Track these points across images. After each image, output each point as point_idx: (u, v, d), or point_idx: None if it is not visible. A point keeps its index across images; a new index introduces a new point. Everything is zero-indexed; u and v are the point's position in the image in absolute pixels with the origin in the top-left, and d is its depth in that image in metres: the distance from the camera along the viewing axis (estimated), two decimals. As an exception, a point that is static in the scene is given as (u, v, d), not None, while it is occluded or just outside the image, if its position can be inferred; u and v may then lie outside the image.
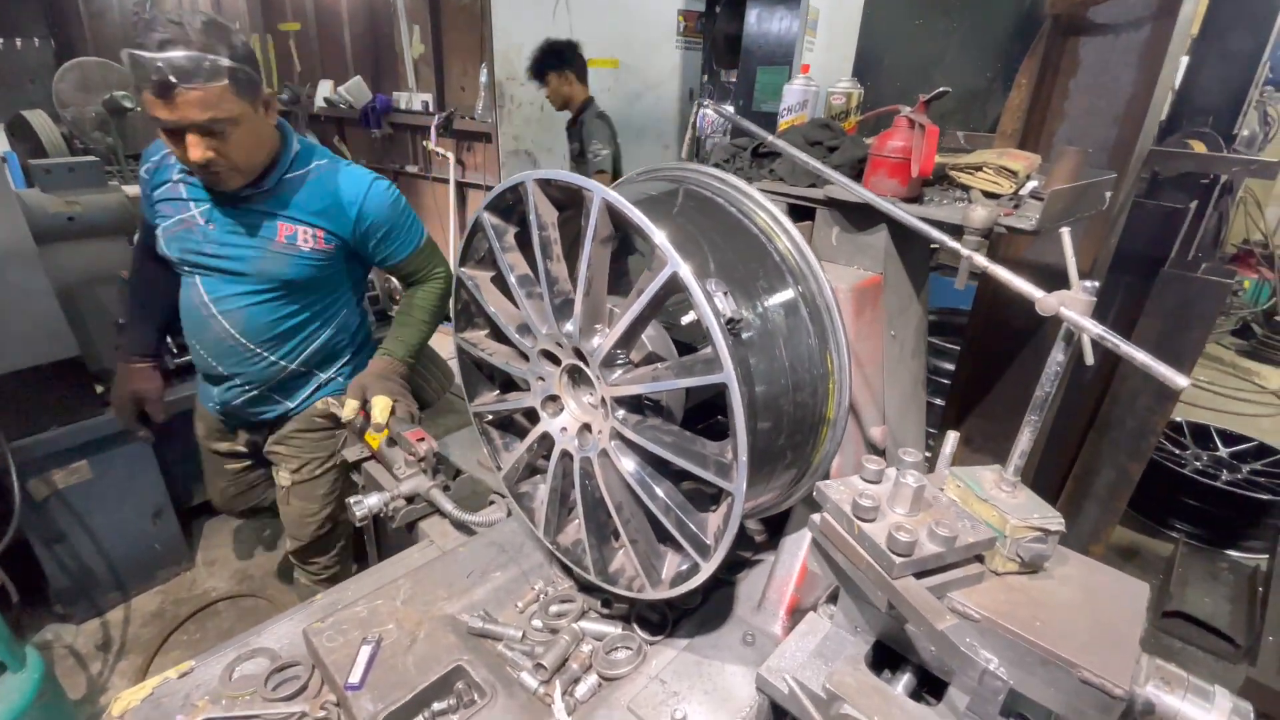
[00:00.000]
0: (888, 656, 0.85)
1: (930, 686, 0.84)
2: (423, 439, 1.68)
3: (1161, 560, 3.15)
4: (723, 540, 0.94)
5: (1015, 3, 4.43)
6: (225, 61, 1.50)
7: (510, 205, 1.13)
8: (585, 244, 0.96)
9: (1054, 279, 1.41)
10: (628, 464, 1.06)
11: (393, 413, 1.83)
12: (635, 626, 1.32)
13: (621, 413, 1.05)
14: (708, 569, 0.98)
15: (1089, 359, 0.75)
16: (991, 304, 2.11)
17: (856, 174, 1.50)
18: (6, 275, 2.09)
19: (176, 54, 1.44)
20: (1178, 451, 3.66)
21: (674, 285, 0.88)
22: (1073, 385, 2.42)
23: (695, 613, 1.39)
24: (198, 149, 1.55)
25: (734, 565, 1.52)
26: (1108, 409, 2.34)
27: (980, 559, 0.80)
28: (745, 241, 1.08)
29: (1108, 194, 1.43)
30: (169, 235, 1.82)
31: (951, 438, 0.90)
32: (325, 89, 5.19)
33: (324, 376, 2.11)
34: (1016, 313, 2.08)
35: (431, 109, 4.74)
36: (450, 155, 4.64)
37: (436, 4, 4.59)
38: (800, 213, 1.62)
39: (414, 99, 4.85)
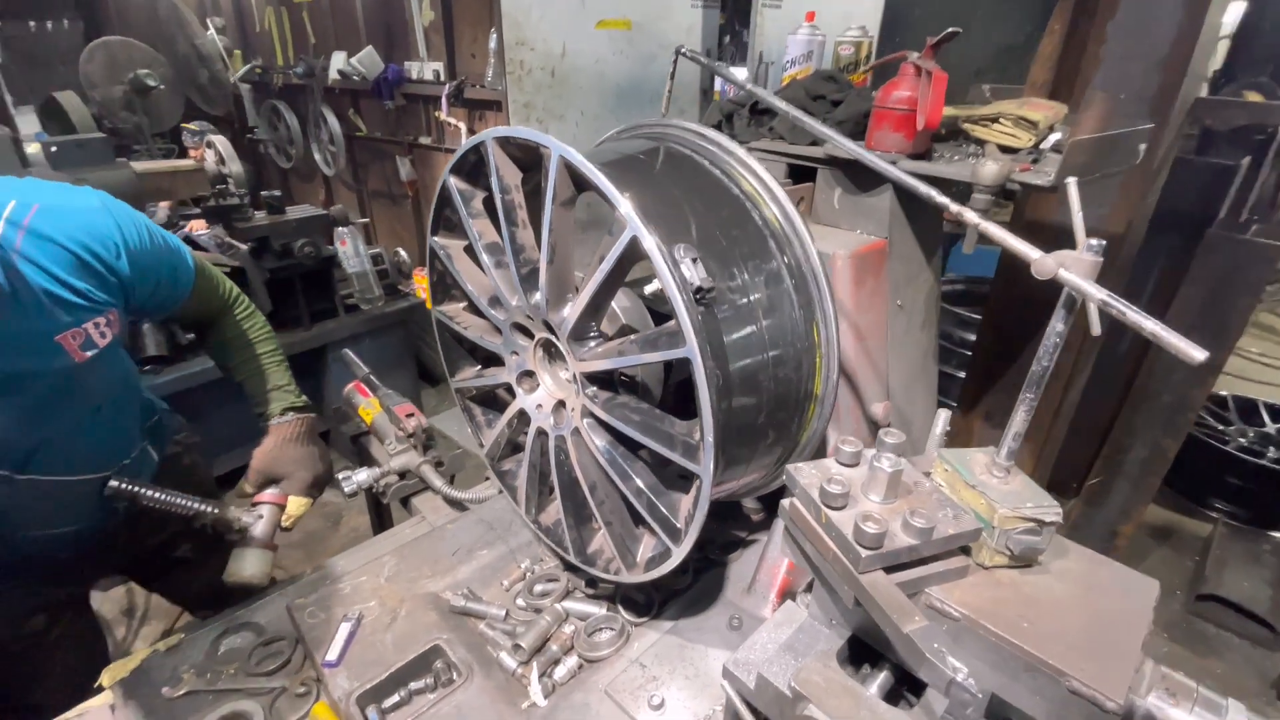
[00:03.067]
0: (866, 651, 0.79)
1: (911, 685, 0.78)
2: (412, 414, 1.66)
3: (1199, 541, 3.00)
4: (693, 524, 0.88)
5: (1059, -54, 4.10)
6: None
7: (474, 167, 1.06)
8: (546, 206, 0.89)
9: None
10: (599, 443, 1.00)
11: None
12: (620, 607, 1.28)
13: (592, 389, 0.99)
14: (679, 553, 0.93)
15: (1095, 329, 0.66)
16: (1015, 270, 1.97)
17: (862, 130, 1.39)
18: (13, 252, 2.11)
19: None
20: (1220, 427, 3.46)
21: (636, 251, 0.81)
22: (1105, 356, 2.28)
23: (684, 594, 1.34)
24: None
25: (728, 545, 1.46)
26: (1142, 382, 2.20)
27: (966, 551, 0.73)
28: (725, 204, 0.99)
29: (1142, 147, 1.30)
30: None
31: (943, 416, 0.82)
32: (339, 61, 5.12)
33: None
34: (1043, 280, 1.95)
35: (442, 78, 4.64)
36: (462, 125, 4.56)
37: (446, -33, 4.46)
38: (803, 174, 1.52)
39: (425, 68, 4.76)
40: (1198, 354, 0.55)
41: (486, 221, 1.10)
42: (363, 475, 1.59)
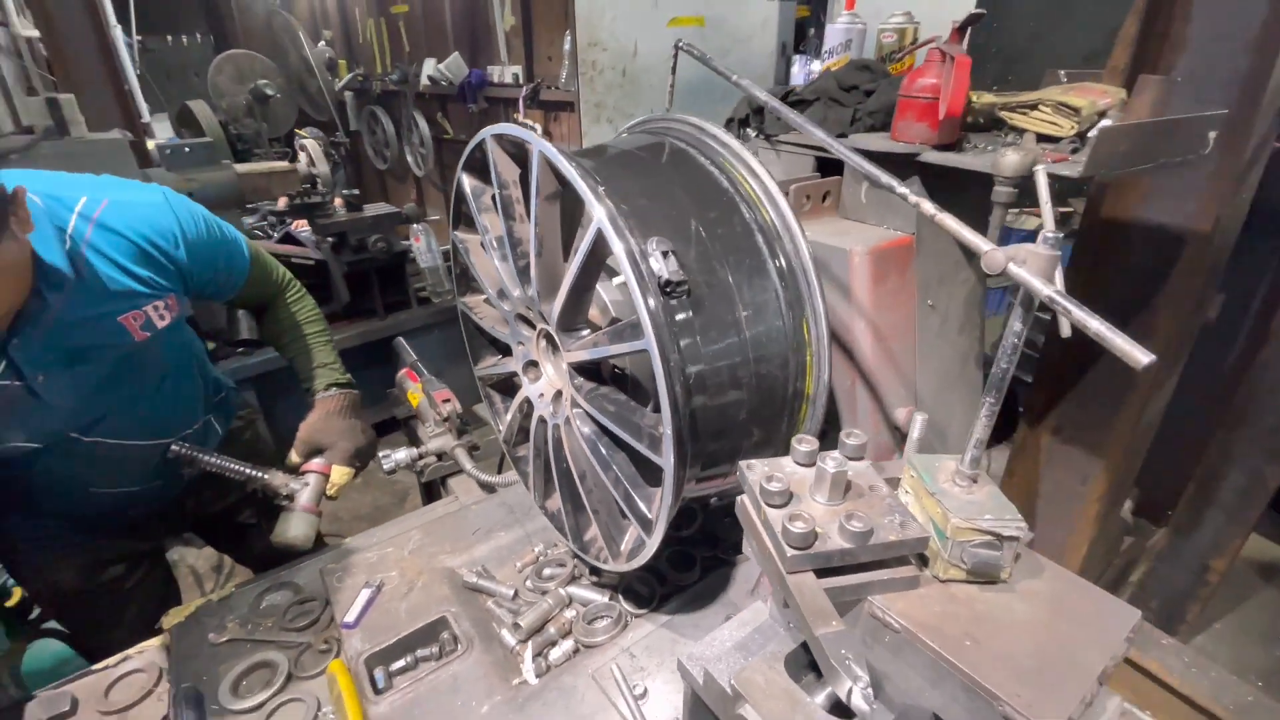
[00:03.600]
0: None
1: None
2: (448, 400, 1.75)
3: (1319, 583, 2.62)
4: (660, 516, 0.88)
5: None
6: None
7: (484, 164, 1.11)
8: (531, 200, 0.92)
9: (1172, 242, 1.18)
10: (586, 431, 1.02)
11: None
12: (621, 597, 1.30)
13: (580, 379, 1.01)
14: (652, 544, 0.94)
15: (1063, 329, 0.60)
16: (1092, 265, 1.80)
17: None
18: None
19: None
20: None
21: (607, 245, 0.82)
22: (1201, 371, 2.03)
23: (689, 589, 1.34)
24: None
25: (739, 546, 1.44)
26: (1242, 402, 1.95)
27: (924, 562, 0.69)
28: (713, 200, 0.98)
29: (1212, 135, 1.16)
30: None
31: (919, 420, 0.78)
32: (429, 67, 5.44)
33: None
34: (1124, 277, 1.76)
35: (520, 81, 4.82)
36: (538, 126, 4.72)
37: (526, -27, 4.63)
38: (832, 167, 1.47)
39: (505, 72, 4.96)
40: (1143, 357, 0.49)
41: (494, 215, 1.15)
42: (401, 454, 1.70)
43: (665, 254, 0.83)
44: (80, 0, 3.43)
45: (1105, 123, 1.11)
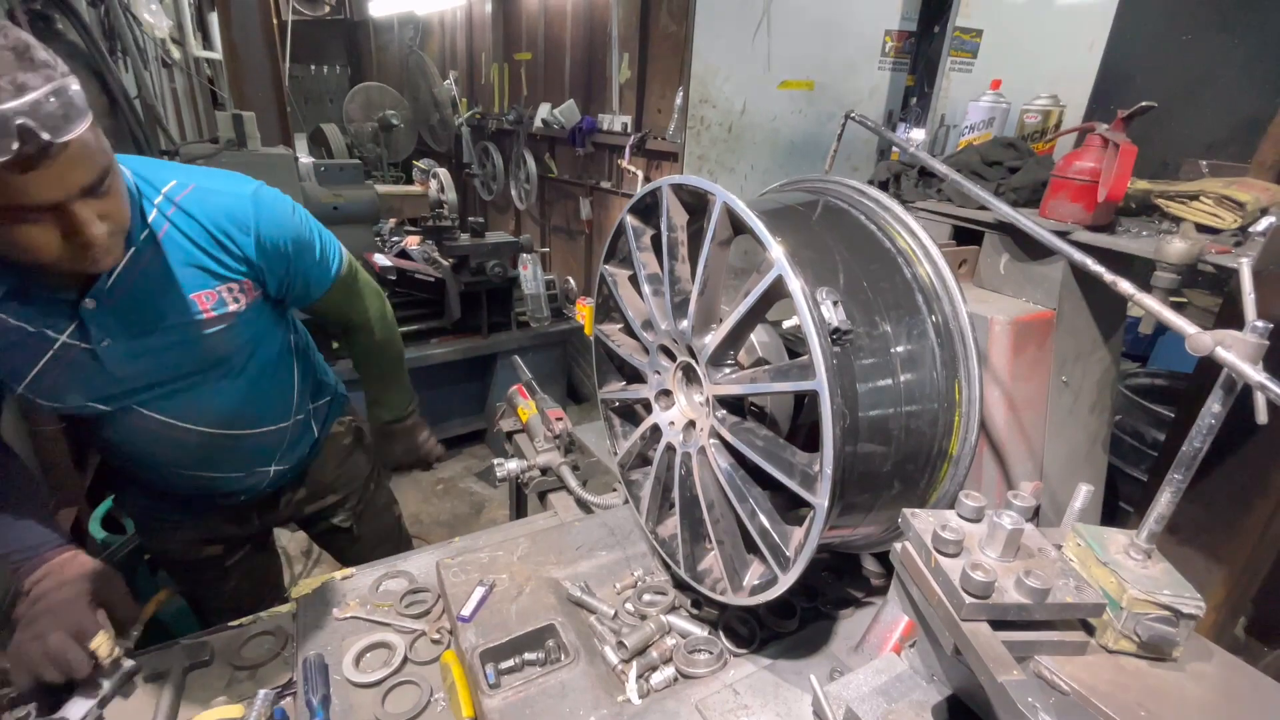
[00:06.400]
0: (965, 715, 0.77)
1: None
2: (560, 418, 1.84)
3: None
4: (802, 554, 0.92)
5: (1327, 11, 3.61)
6: (74, 82, 0.96)
7: (649, 208, 1.21)
8: (705, 244, 1.00)
9: None
10: (723, 464, 1.07)
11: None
12: (721, 634, 1.31)
13: (722, 412, 1.07)
14: (785, 581, 0.96)
15: (1260, 416, 0.62)
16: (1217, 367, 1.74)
17: (1038, 199, 1.35)
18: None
19: (34, 94, 0.88)
20: None
21: (780, 289, 0.89)
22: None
23: (787, 638, 1.35)
24: (95, 222, 1.03)
25: (840, 601, 1.44)
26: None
27: (1089, 630, 0.70)
28: (875, 257, 1.04)
29: (1390, 238, 1.13)
30: (46, 388, 1.22)
31: (1083, 490, 0.79)
32: (544, 111, 5.81)
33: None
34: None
35: (629, 130, 5.08)
36: (640, 173, 4.94)
37: (646, 32, 4.93)
38: (969, 237, 1.50)
39: (615, 121, 5.25)
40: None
41: (650, 255, 1.24)
42: (512, 465, 1.80)
43: (835, 303, 0.88)
44: (261, 34, 3.92)
45: (1271, 219, 1.10)
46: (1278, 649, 2.14)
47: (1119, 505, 2.75)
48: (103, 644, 1.16)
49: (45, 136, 0.88)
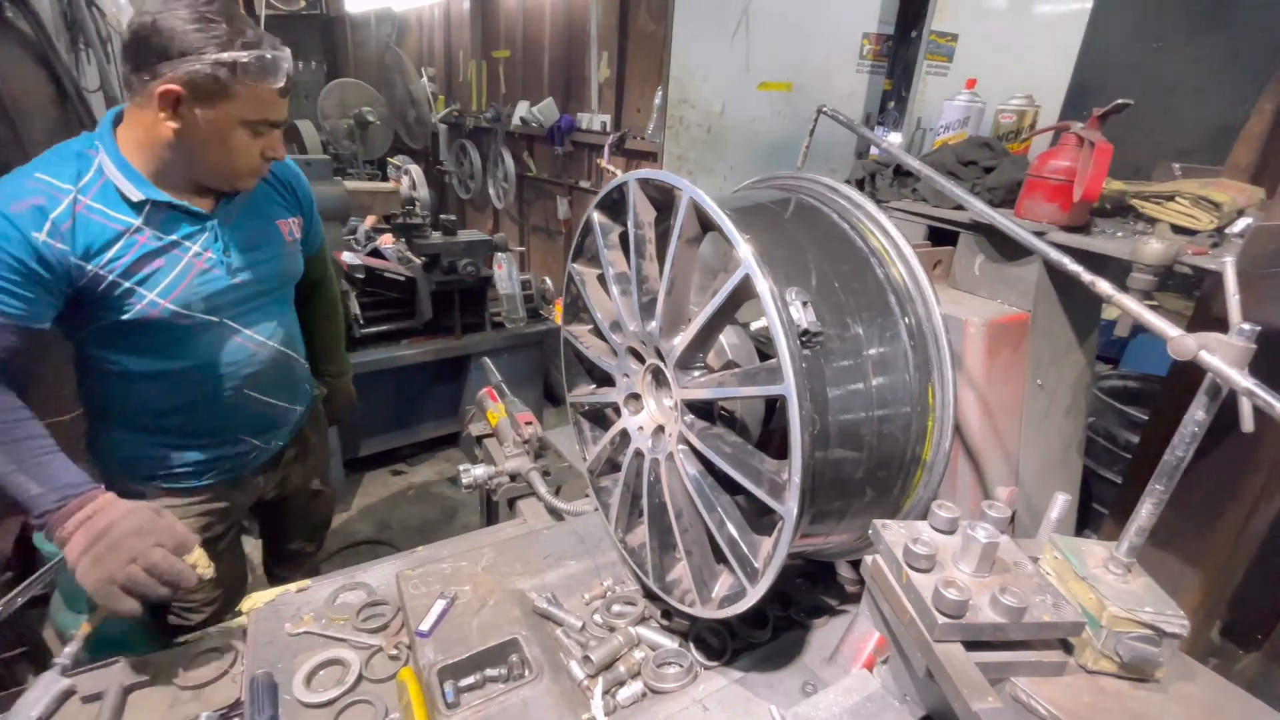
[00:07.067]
0: (939, 738, 0.73)
1: (988, 787, 0.71)
2: (530, 423, 1.78)
3: None
4: (771, 566, 0.87)
5: (1291, 19, 3.69)
6: None
7: (616, 205, 1.17)
8: (671, 242, 0.96)
9: None
10: (691, 471, 1.03)
11: None
12: (692, 646, 1.27)
13: (690, 417, 1.02)
14: (754, 594, 0.92)
15: (1246, 424, 0.59)
16: (1190, 370, 1.74)
17: (1014, 198, 1.33)
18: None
19: (281, 51, 1.31)
20: None
21: (748, 289, 0.85)
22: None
23: (760, 648, 1.30)
24: (281, 147, 1.43)
25: (814, 609, 1.40)
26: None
27: (1068, 648, 0.66)
28: (847, 257, 1.00)
29: (1362, 241, 1.12)
30: (178, 292, 1.38)
31: (1060, 500, 0.75)
32: (522, 109, 5.74)
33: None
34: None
35: (608, 129, 5.03)
36: (618, 172, 4.89)
37: (625, 31, 4.89)
38: (944, 237, 1.48)
39: (594, 120, 5.20)
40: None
41: (619, 253, 1.19)
42: (479, 471, 1.73)
43: (805, 304, 0.85)
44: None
45: (1248, 221, 1.09)
46: (1254, 652, 2.15)
47: (1092, 507, 2.76)
48: (200, 557, 1.22)
49: (288, 75, 1.32)
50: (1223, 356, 0.57)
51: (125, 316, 1.34)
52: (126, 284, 1.31)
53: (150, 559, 1.15)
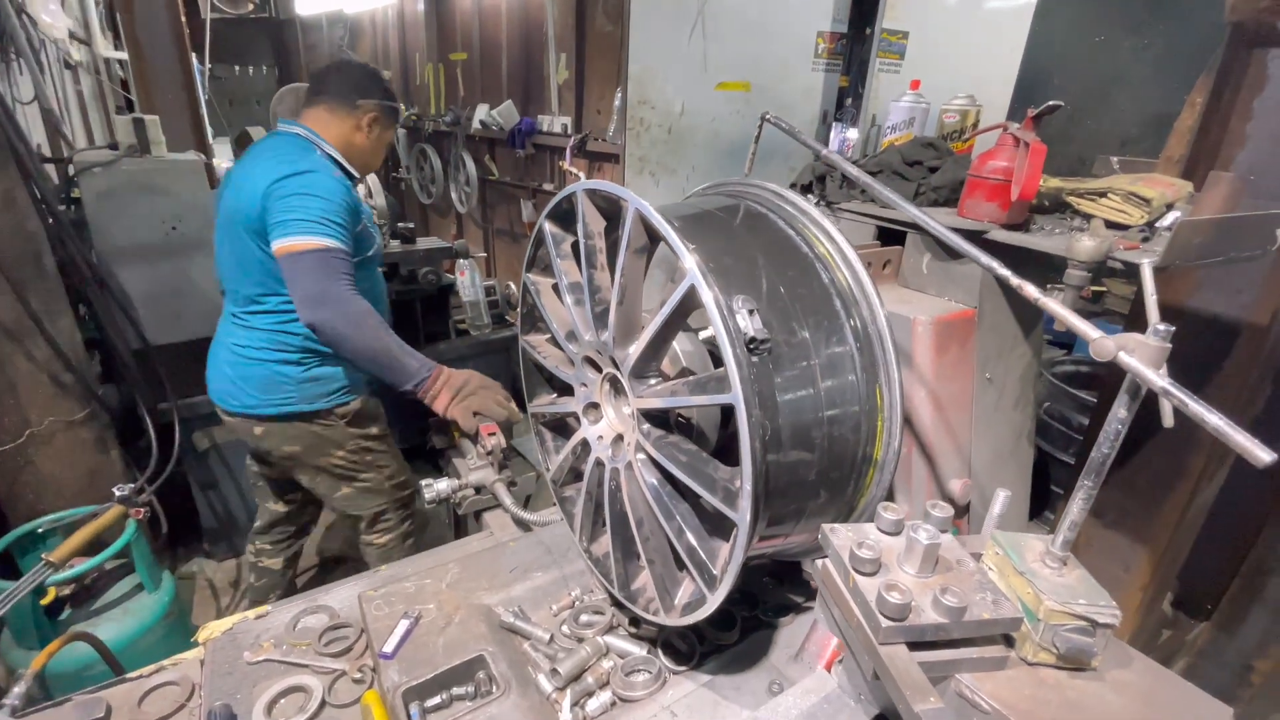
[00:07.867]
0: (893, 735, 0.75)
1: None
2: (494, 434, 1.77)
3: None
4: (728, 572, 0.88)
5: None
6: None
7: (567, 214, 1.16)
8: (620, 253, 0.96)
9: (1225, 334, 1.19)
10: (649, 479, 1.03)
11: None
12: (660, 652, 1.27)
13: (647, 426, 1.03)
14: (714, 600, 0.93)
15: (1167, 420, 0.61)
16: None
17: (958, 197, 1.36)
18: (195, 260, 2.51)
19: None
20: None
21: (695, 299, 0.85)
22: (1250, 464, 1.99)
23: (728, 650, 1.32)
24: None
25: (781, 608, 1.42)
26: (1296, 497, 1.90)
27: (1009, 642, 0.68)
28: (793, 262, 1.02)
29: (1279, 232, 1.18)
30: (375, 243, 2.14)
31: (1001, 496, 0.78)
32: (481, 112, 5.68)
33: None
34: (1172, 365, 1.76)
35: (569, 131, 5.01)
36: (581, 175, 4.87)
37: (582, 31, 4.86)
38: (894, 237, 1.50)
39: (555, 122, 5.16)
40: (1264, 455, 0.50)
41: (572, 263, 1.19)
42: (443, 485, 1.71)
43: (751, 312, 0.85)
44: (169, 31, 3.67)
45: (1176, 214, 1.13)
46: (1204, 621, 2.25)
47: (1051, 489, 2.85)
48: (514, 409, 1.94)
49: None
50: (1140, 357, 0.59)
51: (370, 253, 2.10)
52: (362, 234, 2.03)
53: (498, 398, 1.92)
